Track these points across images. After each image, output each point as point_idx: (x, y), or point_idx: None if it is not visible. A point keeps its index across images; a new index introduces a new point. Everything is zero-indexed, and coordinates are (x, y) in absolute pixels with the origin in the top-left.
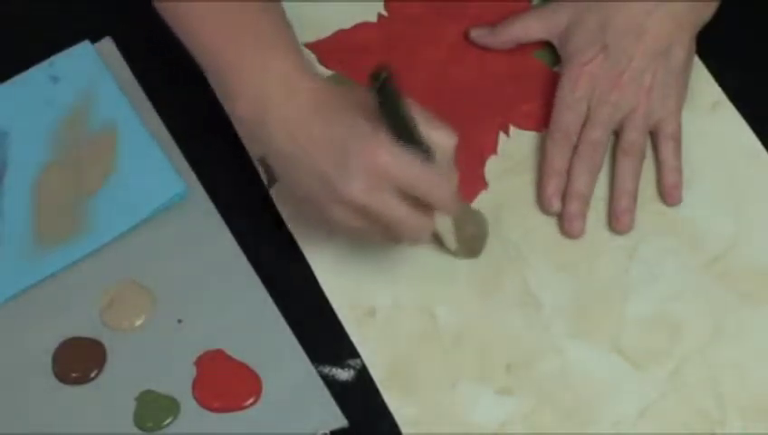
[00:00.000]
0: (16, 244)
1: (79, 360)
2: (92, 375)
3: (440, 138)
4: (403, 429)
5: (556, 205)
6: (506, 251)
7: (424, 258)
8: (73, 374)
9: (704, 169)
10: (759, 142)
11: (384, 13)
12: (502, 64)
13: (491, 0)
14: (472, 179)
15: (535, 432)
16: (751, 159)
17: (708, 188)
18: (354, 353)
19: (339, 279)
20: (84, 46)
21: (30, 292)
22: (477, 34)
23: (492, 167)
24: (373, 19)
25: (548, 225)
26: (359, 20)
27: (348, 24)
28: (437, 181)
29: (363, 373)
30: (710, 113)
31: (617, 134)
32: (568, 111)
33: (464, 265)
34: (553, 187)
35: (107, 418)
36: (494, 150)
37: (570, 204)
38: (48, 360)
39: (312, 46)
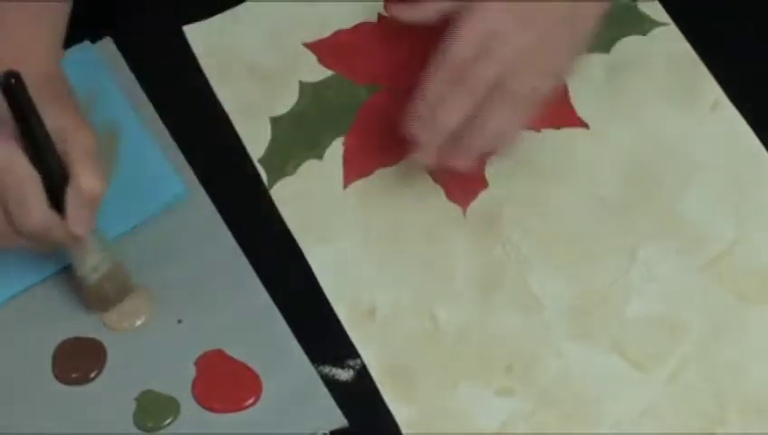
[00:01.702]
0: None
1: (79, 360)
2: (92, 375)
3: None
4: (403, 429)
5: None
6: (506, 251)
7: (424, 258)
8: (73, 375)
9: (704, 169)
10: (759, 142)
11: (384, 13)
12: None
13: None
14: (472, 179)
15: (536, 433)
16: (751, 159)
17: (708, 188)
18: (354, 353)
19: (339, 279)
20: (84, 46)
21: (30, 292)
22: (396, 11)
23: (492, 167)
24: (373, 19)
25: (548, 225)
26: (359, 20)
27: (348, 24)
28: (27, 211)
29: (363, 373)
30: (710, 113)
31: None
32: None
33: (464, 264)
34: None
35: (107, 418)
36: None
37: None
38: (48, 360)
39: (312, 46)
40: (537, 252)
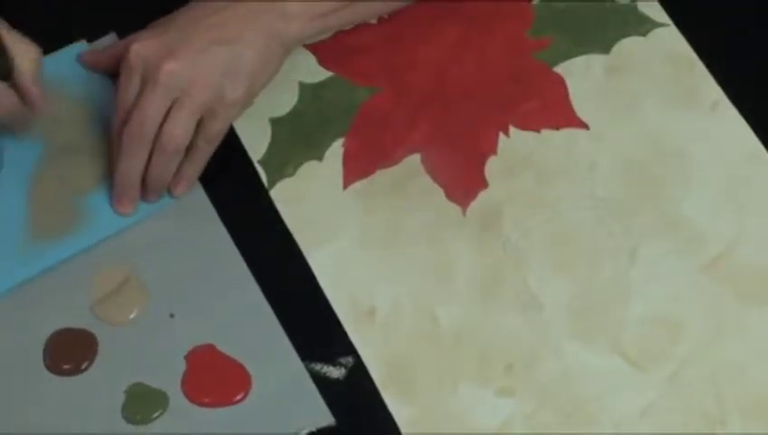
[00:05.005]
0: (12, 238)
1: (71, 351)
2: (83, 367)
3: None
4: (403, 429)
5: None
6: (506, 251)
7: (424, 258)
8: (65, 365)
9: (704, 168)
10: (759, 142)
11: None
12: (502, 64)
13: (491, 0)
14: (472, 179)
15: (536, 433)
16: (751, 159)
17: (708, 187)
18: (346, 351)
19: (339, 279)
20: (81, 45)
21: (24, 283)
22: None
23: (492, 167)
24: (373, 20)
25: (548, 225)
26: None
27: (348, 25)
28: None
29: (355, 371)
30: (710, 113)
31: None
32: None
33: (464, 264)
34: None
35: (96, 409)
36: (494, 150)
37: None
38: (40, 350)
39: (312, 47)
40: (537, 252)
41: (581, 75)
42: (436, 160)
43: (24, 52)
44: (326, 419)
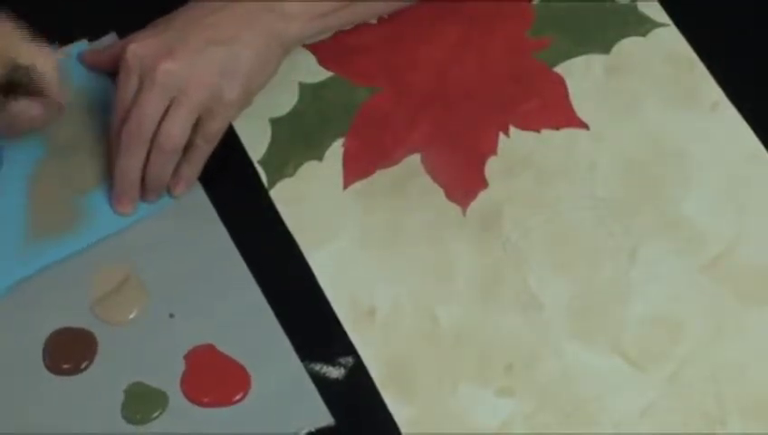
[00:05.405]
0: (12, 237)
1: (70, 351)
2: (83, 366)
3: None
4: (403, 429)
5: None
6: (506, 251)
7: (424, 258)
8: (64, 365)
9: (704, 168)
10: (759, 142)
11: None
12: (502, 64)
13: (491, 0)
14: (472, 179)
15: (536, 433)
16: (751, 159)
17: (708, 188)
18: (346, 351)
19: (339, 279)
20: (81, 45)
21: (23, 282)
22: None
23: (492, 167)
24: (373, 20)
25: (548, 225)
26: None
27: (348, 25)
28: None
29: (355, 372)
30: (710, 113)
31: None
32: None
33: (464, 264)
34: None
35: (96, 409)
36: (494, 150)
37: None
38: (39, 350)
39: (312, 47)
40: (537, 252)
41: (581, 75)
42: (436, 160)
43: (44, 61)
44: (325, 419)
